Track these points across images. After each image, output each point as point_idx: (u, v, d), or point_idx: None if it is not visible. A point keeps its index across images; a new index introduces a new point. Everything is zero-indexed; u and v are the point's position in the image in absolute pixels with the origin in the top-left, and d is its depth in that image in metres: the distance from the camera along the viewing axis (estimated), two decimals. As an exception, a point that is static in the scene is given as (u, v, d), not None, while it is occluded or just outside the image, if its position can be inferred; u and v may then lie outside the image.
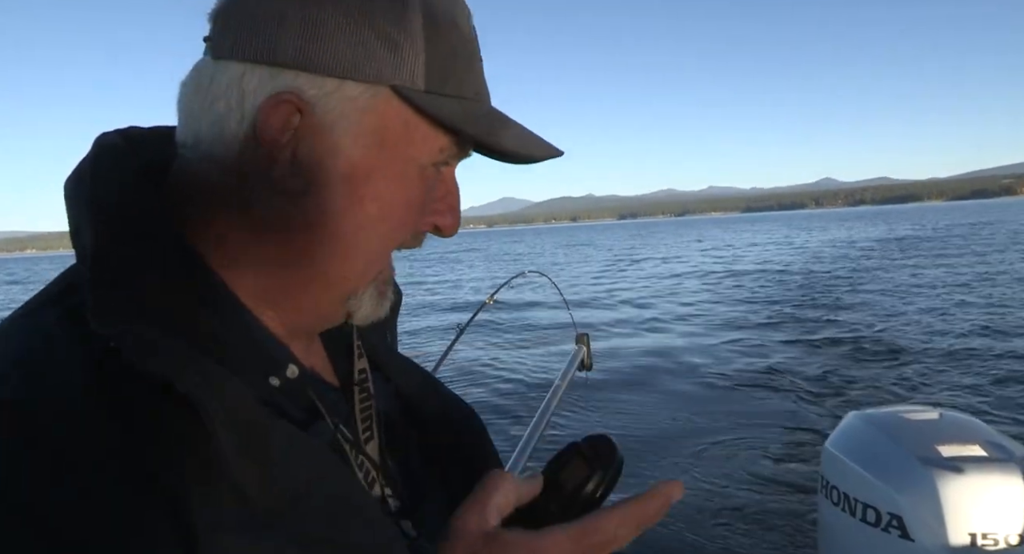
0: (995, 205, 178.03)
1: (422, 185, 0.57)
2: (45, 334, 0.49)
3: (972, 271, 16.83)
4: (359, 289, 0.58)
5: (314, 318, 0.60)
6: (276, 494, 0.47)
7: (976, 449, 1.84)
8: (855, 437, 2.09)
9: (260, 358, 0.54)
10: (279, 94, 0.51)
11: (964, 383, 6.80)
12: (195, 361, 0.46)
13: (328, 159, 0.53)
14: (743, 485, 4.63)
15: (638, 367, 8.32)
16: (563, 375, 2.50)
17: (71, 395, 0.45)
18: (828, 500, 2.02)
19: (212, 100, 0.53)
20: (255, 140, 0.52)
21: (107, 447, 0.43)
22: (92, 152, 0.55)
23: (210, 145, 0.54)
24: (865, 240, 35.81)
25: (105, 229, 0.50)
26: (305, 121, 0.52)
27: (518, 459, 1.76)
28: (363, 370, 0.68)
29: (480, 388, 7.60)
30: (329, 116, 0.52)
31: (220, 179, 0.54)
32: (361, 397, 0.66)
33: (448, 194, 0.61)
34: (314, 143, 0.53)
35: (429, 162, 0.57)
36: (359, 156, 0.54)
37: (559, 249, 51.57)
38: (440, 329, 11.10)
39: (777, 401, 6.53)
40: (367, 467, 0.61)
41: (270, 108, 0.51)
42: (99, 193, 0.52)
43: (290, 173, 0.53)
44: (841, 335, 9.52)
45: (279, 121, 0.51)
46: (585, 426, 5.91)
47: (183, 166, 0.56)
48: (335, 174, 0.53)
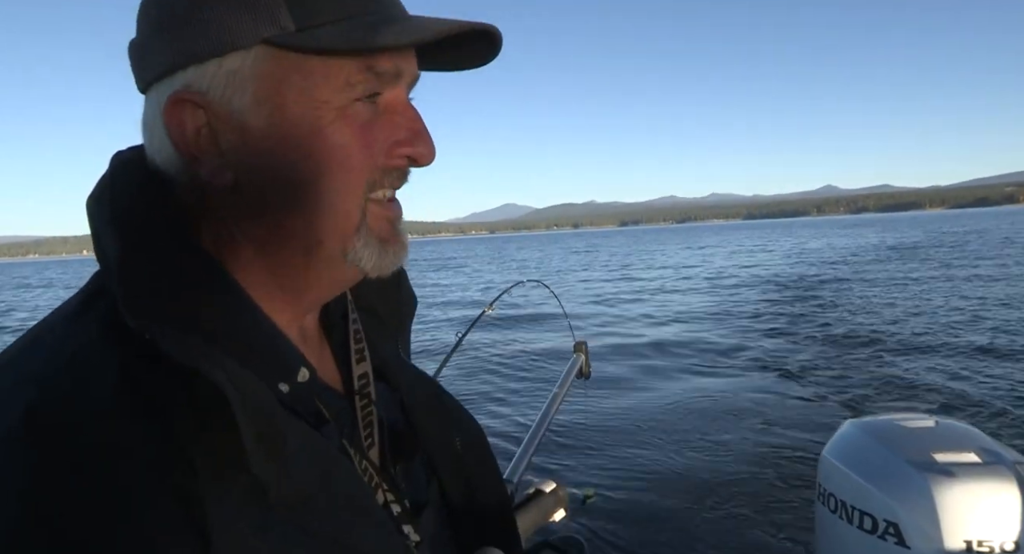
0: (995, 213, 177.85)
1: (351, 124, 0.55)
2: (79, 341, 0.50)
3: (964, 274, 16.83)
4: (347, 244, 0.57)
5: (326, 288, 0.61)
6: (289, 492, 0.48)
7: (971, 456, 1.84)
8: (852, 445, 2.10)
9: (274, 362, 0.55)
10: (172, 95, 0.53)
11: (959, 390, 6.78)
12: (219, 358, 0.48)
13: (242, 138, 0.53)
14: (741, 493, 4.62)
15: (636, 375, 8.31)
16: (561, 383, 2.50)
17: (103, 395, 0.46)
18: (825, 507, 2.03)
19: (149, 133, 0.56)
20: (178, 153, 0.54)
21: (137, 447, 0.44)
22: (110, 169, 0.57)
23: (165, 169, 0.56)
24: (863, 247, 35.79)
25: (129, 240, 0.52)
26: (210, 112, 0.53)
27: (516, 467, 1.77)
28: (364, 375, 0.69)
29: (479, 396, 7.59)
30: (224, 96, 0.52)
31: (188, 197, 0.56)
32: (362, 404, 0.67)
33: (405, 119, 0.58)
34: (225, 129, 0.53)
35: (348, 99, 0.54)
36: (268, 123, 0.53)
37: (561, 255, 51.62)
38: (439, 337, 11.10)
39: (775, 408, 6.51)
40: (370, 472, 0.62)
41: (168, 112, 0.53)
42: (120, 208, 0.53)
43: (219, 166, 0.54)
44: (838, 342, 9.52)
45: (178, 120, 0.53)
46: (583, 434, 5.92)
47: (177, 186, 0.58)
48: (256, 150, 0.53)
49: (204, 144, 0.54)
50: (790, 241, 52.64)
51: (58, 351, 0.49)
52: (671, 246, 59.10)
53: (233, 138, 0.53)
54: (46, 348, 0.51)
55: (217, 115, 0.53)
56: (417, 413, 0.75)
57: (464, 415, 0.84)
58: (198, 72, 0.52)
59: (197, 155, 0.54)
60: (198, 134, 0.53)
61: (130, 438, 0.45)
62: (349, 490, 0.55)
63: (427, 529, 0.67)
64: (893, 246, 35.37)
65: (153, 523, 0.43)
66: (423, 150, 0.59)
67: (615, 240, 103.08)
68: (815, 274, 21.12)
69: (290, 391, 0.55)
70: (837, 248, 36.72)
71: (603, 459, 5.40)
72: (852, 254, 30.75)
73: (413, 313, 0.82)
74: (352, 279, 0.62)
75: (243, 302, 0.55)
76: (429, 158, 0.59)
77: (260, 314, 0.56)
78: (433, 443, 0.75)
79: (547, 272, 31.96)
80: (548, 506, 1.17)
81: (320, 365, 0.63)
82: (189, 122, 0.53)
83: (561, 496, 1.19)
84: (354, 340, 0.70)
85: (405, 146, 0.58)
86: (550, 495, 1.18)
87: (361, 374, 0.69)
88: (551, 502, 1.18)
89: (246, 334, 0.54)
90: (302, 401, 0.56)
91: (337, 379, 0.68)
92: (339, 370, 0.69)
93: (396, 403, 0.74)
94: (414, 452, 0.73)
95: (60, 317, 0.54)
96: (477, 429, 0.84)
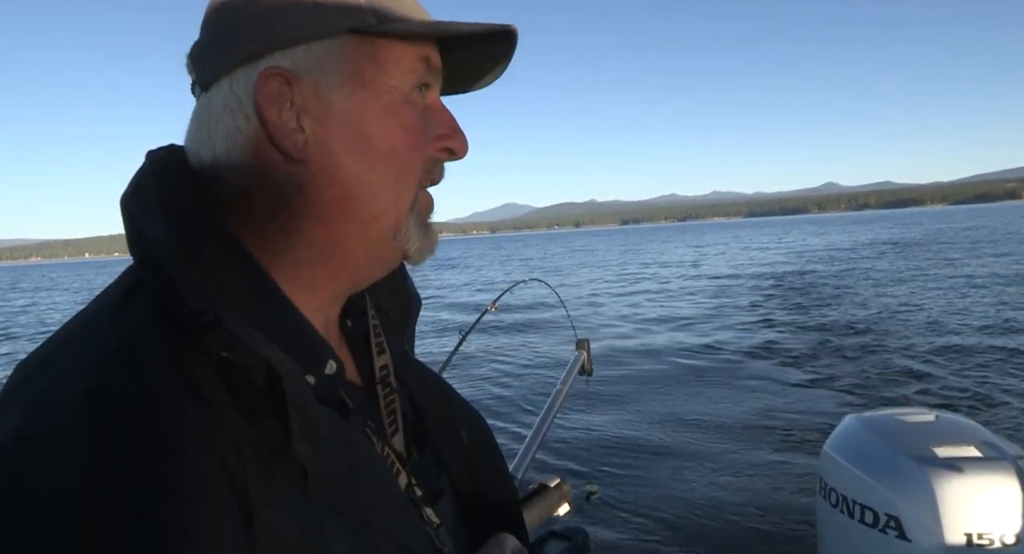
0: (996, 209, 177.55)
1: (413, 110, 0.62)
2: (128, 328, 0.51)
3: (962, 273, 16.82)
4: (401, 221, 0.63)
5: (369, 264, 0.65)
6: (322, 473, 0.51)
7: (972, 450, 1.85)
8: (852, 440, 2.11)
9: (304, 353, 0.57)
10: (265, 70, 0.57)
11: (959, 384, 6.79)
12: (266, 342, 0.50)
13: (327, 114, 0.59)
14: (743, 487, 4.64)
15: (637, 372, 8.33)
16: (564, 380, 2.52)
17: (157, 380, 0.48)
18: (827, 502, 2.04)
19: (216, 121, 0.59)
20: (264, 128, 0.57)
21: (189, 429, 0.46)
22: (147, 165, 0.59)
23: (229, 157, 0.59)
24: (862, 243, 35.76)
25: (181, 229, 0.53)
26: (296, 89, 0.58)
27: (520, 463, 1.78)
28: (384, 366, 0.72)
29: (482, 394, 7.62)
30: (311, 77, 0.58)
31: (246, 182, 0.59)
32: (385, 392, 0.70)
33: (445, 117, 0.65)
34: (310, 106, 0.58)
35: (409, 87, 0.61)
36: (350, 102, 0.59)
37: (563, 253, 51.64)
38: (442, 335, 11.11)
39: (776, 403, 6.53)
40: (392, 458, 0.65)
41: (260, 86, 0.57)
42: (168, 198, 0.56)
43: (301, 141, 0.58)
44: (838, 337, 9.53)
45: (271, 93, 0.57)
46: (586, 430, 5.93)
47: (216, 179, 0.60)
48: (337, 126, 0.59)
49: (288, 118, 0.58)
50: (792, 238, 52.61)
51: (109, 336, 0.51)
52: (672, 244, 59.11)
53: (317, 113, 0.58)
54: (97, 334, 0.52)
55: (302, 92, 0.58)
56: (427, 407, 0.78)
57: (471, 411, 0.86)
58: (287, 55, 0.58)
59: (282, 129, 0.58)
60: (281, 109, 0.58)
61: (183, 422, 0.46)
62: (374, 475, 0.58)
63: (445, 514, 0.70)
64: (895, 242, 35.36)
65: (204, 503, 0.44)
66: (461, 144, 0.66)
67: (616, 238, 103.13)
68: (815, 270, 21.12)
69: (316, 383, 0.57)
70: (836, 245, 36.69)
71: (606, 455, 5.42)
72: (851, 249, 30.72)
73: (418, 313, 0.85)
74: (392, 262, 0.66)
75: (279, 294, 0.58)
76: (465, 152, 0.67)
77: (294, 307, 0.58)
78: (442, 436, 0.78)
79: (549, 269, 31.98)
80: (553, 501, 1.18)
81: (341, 357, 0.65)
82: (279, 97, 0.57)
83: (565, 491, 1.21)
84: (374, 334, 0.74)
85: (447, 139, 0.65)
86: (554, 490, 1.20)
87: (383, 365, 0.72)
88: (555, 497, 1.19)
89: (283, 325, 0.56)
90: (328, 392, 0.59)
91: (355, 373, 0.70)
92: (355, 365, 0.71)
93: (406, 397, 0.76)
94: (425, 444, 0.75)
95: (105, 306, 0.56)
96: (483, 425, 0.86)
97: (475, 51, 0.67)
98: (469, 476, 0.79)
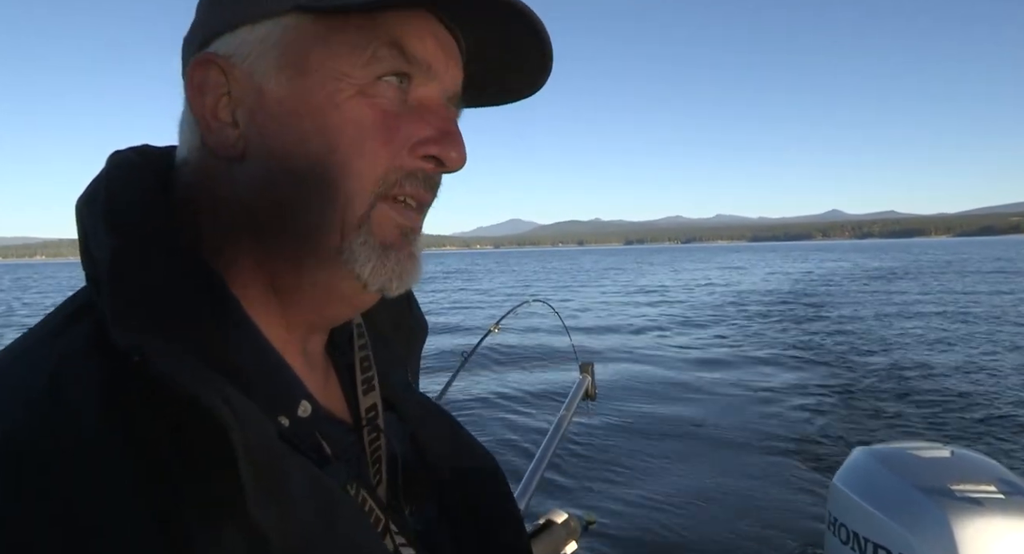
0: (1003, 242, 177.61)
1: (370, 106, 0.52)
2: (60, 360, 0.45)
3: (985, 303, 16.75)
4: (347, 238, 0.52)
5: (323, 295, 0.55)
6: (292, 535, 0.44)
7: (990, 488, 1.79)
8: (863, 474, 2.05)
9: (274, 392, 0.50)
10: (196, 58, 0.52)
11: (970, 419, 6.71)
12: (220, 384, 0.43)
13: (259, 106, 0.51)
14: (748, 519, 4.56)
15: (643, 397, 8.26)
16: (568, 405, 2.48)
17: (85, 423, 0.42)
18: (836, 538, 1.98)
19: (184, 113, 0.56)
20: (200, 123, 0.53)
21: (122, 484, 0.41)
22: (106, 169, 0.54)
23: (184, 154, 0.55)
24: (874, 269, 35.71)
25: (122, 247, 0.47)
26: (232, 79, 0.52)
27: (524, 492, 1.73)
28: (372, 407, 0.64)
29: (485, 417, 7.53)
30: (248, 62, 0.52)
31: (193, 180, 0.54)
32: (371, 438, 0.62)
33: (434, 119, 0.54)
34: (243, 97, 0.52)
35: (370, 76, 0.51)
36: (285, 91, 0.51)
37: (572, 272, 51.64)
38: (444, 357, 11.07)
39: (783, 433, 6.45)
40: (376, 513, 0.57)
41: (189, 75, 0.52)
42: (115, 210, 0.49)
43: (233, 137, 0.52)
44: (848, 367, 9.46)
45: (197, 82, 0.52)
46: (589, 457, 5.85)
47: (182, 184, 0.55)
48: (269, 119, 0.51)
49: (221, 112, 0.52)
50: (799, 263, 52.60)
51: (38, 371, 0.45)
52: (681, 264, 59.12)
53: (249, 104, 0.52)
54: (26, 367, 0.46)
55: (237, 80, 0.52)
56: (429, 446, 0.70)
57: (479, 449, 0.77)
58: (229, 39, 0.52)
59: (211, 123, 0.52)
60: (217, 101, 0.52)
61: (111, 475, 0.40)
62: (354, 536, 0.50)
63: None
64: (906, 270, 35.29)
65: None
66: (451, 151, 0.54)
67: (623, 258, 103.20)
68: (825, 293, 21.06)
69: (290, 426, 0.50)
70: (841, 273, 36.63)
71: (608, 483, 5.34)
72: (862, 276, 30.67)
73: (423, 339, 0.77)
74: (349, 296, 0.56)
75: (244, 322, 0.51)
76: (457, 161, 0.55)
77: (261, 337, 0.51)
78: (446, 478, 0.70)
79: (557, 286, 31.93)
80: (560, 538, 1.14)
81: (326, 394, 0.59)
82: (210, 87, 0.52)
83: (573, 527, 1.17)
84: (361, 368, 0.65)
85: (431, 145, 0.54)
86: (562, 526, 1.15)
87: (369, 406, 0.63)
88: (563, 533, 1.15)
89: (246, 358, 0.49)
90: (303, 436, 0.52)
91: (344, 409, 0.62)
92: (347, 399, 0.64)
93: (406, 435, 0.69)
94: (425, 487, 0.67)
95: (43, 332, 0.50)
96: (492, 463, 0.77)
97: (493, 45, 0.57)
98: (475, 520, 0.70)
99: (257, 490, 0.41)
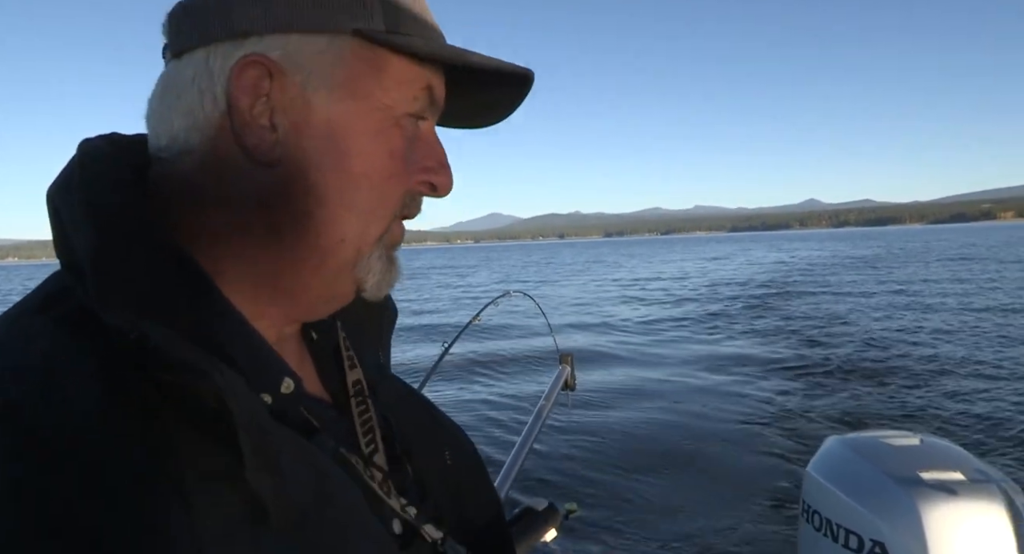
0: (974, 229, 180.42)
1: (402, 136, 0.56)
2: (45, 338, 0.46)
3: (955, 290, 17.04)
4: (364, 251, 0.57)
5: (322, 297, 0.58)
6: (286, 506, 0.45)
7: (958, 475, 1.84)
8: (836, 462, 2.09)
9: (255, 371, 0.51)
10: (245, 57, 0.51)
11: (941, 408, 6.85)
12: (211, 360, 0.44)
13: (305, 119, 0.52)
14: (724, 508, 4.62)
15: (621, 388, 8.31)
16: (547, 395, 2.50)
17: (88, 396, 0.43)
18: (810, 525, 2.02)
19: (180, 93, 0.53)
20: (230, 117, 0.51)
21: (125, 453, 0.41)
22: (77, 157, 0.53)
23: (185, 138, 0.53)
24: (841, 258, 36.15)
25: (104, 232, 0.48)
26: (277, 84, 0.52)
27: (503, 481, 1.76)
28: (357, 381, 0.67)
29: (465, 407, 7.55)
30: (299, 73, 0.52)
31: (199, 171, 0.53)
32: (360, 410, 0.65)
33: (434, 150, 0.60)
34: (288, 105, 0.52)
35: (404, 112, 0.56)
36: (336, 111, 0.53)
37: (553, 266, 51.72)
38: (424, 348, 11.05)
39: (759, 423, 6.54)
40: (379, 479, 0.60)
41: (238, 72, 0.51)
42: (93, 197, 0.49)
43: (270, 142, 0.52)
44: (823, 357, 9.58)
45: (249, 83, 0.51)
46: (567, 446, 5.90)
47: (161, 170, 0.55)
48: (314, 133, 0.52)
49: (258, 114, 0.52)
50: (776, 253, 53.09)
51: (27, 348, 0.45)
52: (659, 257, 59.42)
53: (295, 115, 0.52)
54: (12, 341, 0.46)
55: (284, 88, 0.52)
56: (405, 426, 0.72)
57: (456, 431, 0.81)
58: (275, 42, 0.52)
59: (249, 121, 0.52)
60: (254, 98, 0.51)
61: (116, 448, 0.41)
62: (349, 505, 0.52)
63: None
64: (881, 257, 35.77)
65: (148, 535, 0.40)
66: (445, 181, 0.61)
67: (603, 250, 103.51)
68: (799, 281, 21.29)
69: (273, 403, 0.52)
70: (819, 261, 37.05)
71: (587, 472, 5.38)
72: (835, 264, 31.05)
73: (394, 323, 0.79)
74: (346, 297, 0.60)
75: (223, 304, 0.52)
76: (448, 190, 0.61)
77: (241, 318, 0.52)
78: (422, 458, 0.72)
79: (537, 280, 31.98)
80: (540, 525, 1.16)
81: (302, 375, 0.60)
82: (252, 82, 0.51)
83: (553, 515, 1.18)
84: (344, 346, 0.68)
85: (432, 173, 0.59)
86: (542, 514, 1.17)
87: (355, 380, 0.67)
88: (543, 521, 1.17)
89: (228, 339, 0.50)
90: (287, 413, 0.53)
91: (320, 389, 0.65)
92: (321, 380, 0.66)
93: (380, 417, 0.71)
94: (401, 466, 0.70)
95: (19, 313, 0.49)
96: (469, 446, 0.81)
97: (487, 89, 0.62)
98: (452, 501, 0.72)
99: (254, 462, 0.43)
